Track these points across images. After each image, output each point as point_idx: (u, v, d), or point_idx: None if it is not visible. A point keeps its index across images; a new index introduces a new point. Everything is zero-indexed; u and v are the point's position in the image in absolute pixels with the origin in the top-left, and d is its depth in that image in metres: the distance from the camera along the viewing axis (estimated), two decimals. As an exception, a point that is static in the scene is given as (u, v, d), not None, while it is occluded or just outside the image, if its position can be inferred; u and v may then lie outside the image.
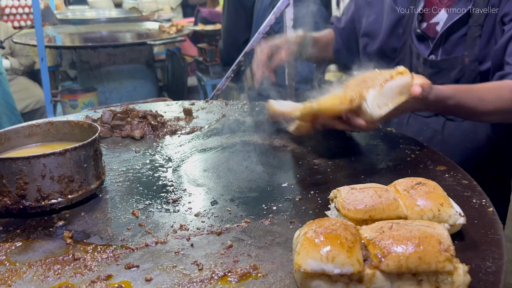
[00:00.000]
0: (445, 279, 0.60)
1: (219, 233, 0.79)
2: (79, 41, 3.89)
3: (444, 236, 0.62)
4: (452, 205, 0.74)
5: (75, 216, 0.86)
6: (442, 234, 0.62)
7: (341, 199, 0.75)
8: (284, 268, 0.69)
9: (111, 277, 0.68)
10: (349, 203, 0.74)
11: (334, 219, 0.67)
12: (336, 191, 0.80)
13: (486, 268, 0.67)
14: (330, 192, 0.84)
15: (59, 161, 0.84)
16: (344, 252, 0.59)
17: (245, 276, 0.67)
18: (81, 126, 1.01)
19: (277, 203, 0.90)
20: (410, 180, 0.79)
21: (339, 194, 0.77)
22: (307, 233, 0.63)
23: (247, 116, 1.45)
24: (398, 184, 0.79)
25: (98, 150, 0.94)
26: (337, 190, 0.80)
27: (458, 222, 0.73)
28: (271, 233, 0.79)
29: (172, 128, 1.31)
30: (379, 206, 0.73)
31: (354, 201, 0.74)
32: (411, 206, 0.74)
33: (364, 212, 0.72)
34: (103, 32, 4.19)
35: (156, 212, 0.87)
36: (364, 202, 0.73)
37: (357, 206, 0.73)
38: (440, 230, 0.63)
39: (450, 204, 0.74)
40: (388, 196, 0.75)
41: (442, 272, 0.59)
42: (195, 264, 0.71)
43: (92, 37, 3.99)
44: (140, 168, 1.07)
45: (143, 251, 0.75)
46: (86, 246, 0.76)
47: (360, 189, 0.77)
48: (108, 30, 4.24)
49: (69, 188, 0.87)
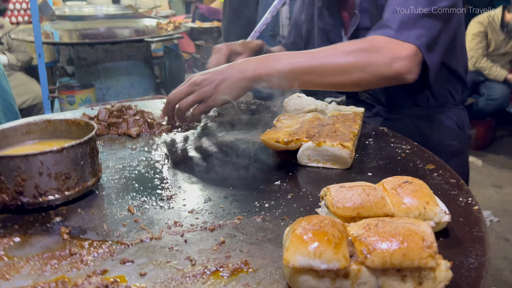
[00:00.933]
0: (428, 274, 0.62)
1: (212, 229, 0.82)
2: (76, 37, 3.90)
3: (428, 233, 0.64)
4: (437, 203, 0.77)
5: (71, 213, 0.88)
6: (426, 232, 0.64)
7: (330, 197, 0.78)
8: (274, 264, 0.71)
9: (106, 272, 0.70)
10: (338, 201, 0.76)
11: (323, 216, 0.69)
12: (326, 189, 0.82)
13: (469, 265, 0.69)
14: (320, 189, 0.87)
15: (57, 158, 0.86)
16: (331, 249, 0.62)
17: (236, 271, 0.70)
18: (78, 124, 1.03)
19: (270, 201, 0.92)
20: (397, 178, 0.81)
21: (329, 192, 0.80)
22: (296, 230, 0.66)
23: (243, 114, 1.47)
24: (386, 182, 0.82)
25: (95, 148, 0.96)
26: (327, 188, 0.82)
27: (443, 220, 0.75)
28: (263, 229, 0.82)
29: (168, 126, 1.33)
30: (367, 204, 0.75)
31: (343, 199, 0.76)
32: (398, 204, 0.76)
33: (352, 209, 0.75)
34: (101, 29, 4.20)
35: (151, 208, 0.90)
36: (352, 200, 0.76)
37: (345, 204, 0.75)
38: (424, 228, 0.65)
39: (436, 202, 0.76)
40: (376, 194, 0.77)
41: (425, 268, 0.62)
42: (188, 259, 0.73)
43: (90, 33, 4.00)
44: (136, 166, 1.09)
45: (138, 246, 0.77)
46: (83, 242, 0.78)
47: (349, 187, 0.79)
48: (106, 27, 4.25)
49: (66, 185, 0.89)
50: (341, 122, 1.17)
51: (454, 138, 1.46)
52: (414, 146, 1.16)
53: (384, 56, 1.09)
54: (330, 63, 1.10)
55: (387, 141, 1.20)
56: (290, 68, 1.11)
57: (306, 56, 1.13)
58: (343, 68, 1.10)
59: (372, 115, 1.48)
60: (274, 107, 1.50)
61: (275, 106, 1.50)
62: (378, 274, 0.63)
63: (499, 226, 3.32)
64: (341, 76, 1.10)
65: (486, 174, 4.08)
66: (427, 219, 0.75)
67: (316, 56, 1.13)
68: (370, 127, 1.30)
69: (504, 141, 4.79)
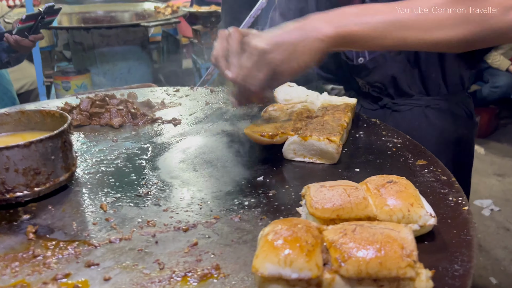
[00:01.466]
0: (407, 285, 0.58)
1: (186, 229, 0.78)
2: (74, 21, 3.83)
3: (408, 240, 0.60)
4: (423, 205, 0.72)
5: (41, 210, 0.84)
6: (406, 239, 0.60)
7: (309, 197, 0.73)
8: (247, 268, 0.67)
9: (69, 276, 0.66)
10: (316, 202, 0.72)
11: (298, 219, 0.65)
12: (307, 188, 0.78)
13: (454, 272, 0.65)
14: (304, 185, 0.81)
15: (24, 153, 0.82)
16: (302, 256, 0.57)
17: (205, 277, 0.66)
18: (53, 116, 0.99)
19: (250, 198, 0.88)
20: (382, 178, 0.77)
21: (308, 191, 0.75)
22: (268, 235, 0.62)
23: (231, 105, 1.42)
24: (369, 182, 0.77)
25: (68, 141, 0.91)
26: (307, 187, 0.78)
27: (428, 223, 0.71)
28: (239, 230, 0.77)
29: (152, 116, 1.29)
30: (347, 205, 0.71)
31: (322, 199, 0.72)
32: (381, 205, 0.71)
33: (331, 211, 0.70)
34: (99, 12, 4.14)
35: (125, 206, 0.85)
36: (332, 201, 0.71)
37: (324, 205, 0.71)
38: (405, 234, 0.61)
39: (421, 204, 0.72)
40: (357, 195, 0.72)
41: (404, 278, 0.58)
42: (157, 262, 0.69)
43: (87, 17, 3.94)
44: (115, 159, 1.05)
45: (106, 248, 0.73)
46: (48, 242, 0.74)
47: (329, 186, 0.74)
48: (104, 10, 4.18)
49: (36, 180, 0.85)
50: (331, 114, 1.12)
51: (463, 126, 1.40)
52: (406, 139, 1.11)
53: (496, 3, 0.89)
54: (436, 14, 0.90)
55: (378, 134, 1.15)
56: (384, 22, 0.90)
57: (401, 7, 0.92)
58: (447, 20, 0.90)
59: (378, 107, 1.41)
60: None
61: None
62: (353, 284, 0.59)
63: (500, 216, 3.27)
64: (445, 31, 0.90)
65: (488, 163, 4.01)
66: (411, 222, 0.70)
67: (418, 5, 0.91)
68: (362, 119, 1.25)
69: (508, 129, 4.71)
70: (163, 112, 1.35)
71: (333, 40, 0.90)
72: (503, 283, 2.59)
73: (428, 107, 1.36)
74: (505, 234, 3.09)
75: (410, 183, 0.76)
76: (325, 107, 1.18)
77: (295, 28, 0.92)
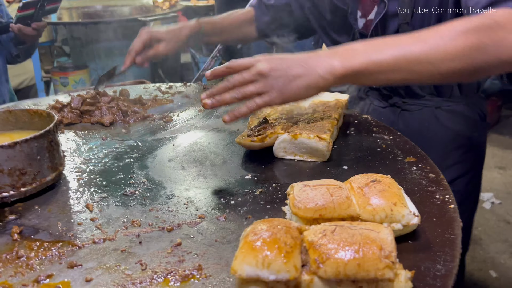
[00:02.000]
0: (386, 285, 0.58)
1: (170, 229, 0.78)
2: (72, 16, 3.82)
3: (387, 241, 0.59)
4: (406, 204, 0.71)
5: (27, 210, 0.85)
6: (386, 239, 0.59)
7: (292, 197, 0.73)
8: (229, 269, 0.67)
9: (51, 277, 0.67)
10: (299, 201, 0.71)
11: (278, 220, 0.65)
12: (291, 187, 0.77)
13: (435, 272, 0.65)
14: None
15: (9, 154, 0.82)
16: (280, 258, 0.57)
17: (187, 278, 0.66)
18: (40, 115, 0.99)
19: (236, 197, 0.87)
20: (366, 177, 0.76)
21: (292, 191, 0.75)
22: (248, 236, 0.61)
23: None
24: (353, 181, 0.76)
25: (54, 141, 0.91)
26: (291, 186, 0.77)
27: (412, 223, 0.70)
28: (224, 230, 0.77)
29: (143, 114, 1.28)
30: (330, 205, 0.70)
31: (305, 199, 0.71)
32: (364, 205, 0.71)
33: (314, 211, 0.70)
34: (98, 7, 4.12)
35: (111, 205, 0.85)
36: (314, 201, 0.71)
37: (307, 205, 0.70)
38: (384, 235, 0.60)
39: (404, 203, 0.71)
40: (340, 194, 0.72)
41: (382, 279, 0.57)
42: (140, 263, 0.69)
43: (86, 12, 3.92)
44: (103, 157, 1.05)
45: (89, 248, 0.73)
46: (32, 243, 0.74)
47: (313, 186, 0.74)
48: (103, 5, 4.16)
49: (22, 181, 0.85)
50: (321, 111, 1.11)
51: (475, 129, 1.34)
52: (396, 136, 1.10)
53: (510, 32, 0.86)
54: (445, 47, 0.87)
55: (369, 131, 1.14)
56: (396, 56, 0.88)
57: (412, 40, 0.90)
58: (463, 51, 0.87)
59: (388, 105, 1.38)
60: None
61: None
62: (332, 285, 0.59)
63: (501, 209, 3.26)
64: (459, 62, 0.87)
65: (490, 155, 3.98)
66: (394, 221, 0.70)
67: (425, 39, 0.89)
68: (353, 115, 1.24)
69: (510, 121, 4.67)
70: (154, 109, 1.35)
71: (338, 76, 0.89)
72: (503, 276, 2.58)
73: (438, 108, 1.31)
74: (506, 227, 3.07)
75: (394, 182, 0.76)
76: (316, 103, 1.17)
77: (301, 61, 0.92)
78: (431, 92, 1.32)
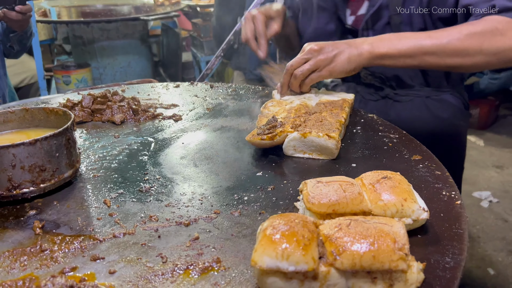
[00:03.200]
0: (399, 277, 0.61)
1: (187, 224, 0.80)
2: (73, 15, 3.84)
3: (400, 234, 0.62)
4: (416, 200, 0.74)
5: (47, 205, 0.87)
6: (398, 233, 0.62)
7: (306, 193, 0.76)
8: (246, 261, 0.70)
9: (76, 269, 0.69)
10: (313, 197, 0.74)
11: (295, 215, 0.67)
12: (304, 184, 0.80)
13: (445, 264, 0.68)
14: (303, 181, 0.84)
15: (29, 151, 0.85)
16: (299, 250, 0.60)
17: (207, 270, 0.68)
18: (56, 113, 1.01)
19: (249, 193, 0.90)
20: (376, 173, 0.79)
21: (305, 187, 0.78)
22: (266, 229, 0.64)
23: (231, 100, 1.44)
24: (364, 177, 0.79)
25: (71, 138, 0.94)
26: (304, 182, 0.80)
27: (421, 217, 0.73)
28: (239, 224, 0.80)
29: (153, 112, 1.31)
30: (343, 200, 0.73)
31: (319, 195, 0.74)
32: (376, 200, 0.74)
33: (327, 206, 0.73)
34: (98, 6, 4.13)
35: (128, 201, 0.88)
36: (328, 196, 0.74)
37: (321, 200, 0.73)
38: (397, 228, 0.63)
39: (414, 199, 0.74)
40: (353, 190, 0.75)
41: (396, 270, 0.60)
42: (160, 256, 0.72)
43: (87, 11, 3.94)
44: (117, 155, 1.08)
45: (110, 242, 0.76)
46: (55, 237, 0.77)
47: (326, 182, 0.77)
48: (104, 4, 4.18)
49: (41, 177, 0.87)
50: (329, 110, 1.14)
51: (461, 117, 1.45)
52: (402, 135, 1.13)
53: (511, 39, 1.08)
54: (453, 45, 1.11)
55: (375, 130, 1.17)
56: (412, 47, 1.13)
57: (428, 37, 1.14)
58: (466, 51, 1.10)
59: (380, 98, 1.45)
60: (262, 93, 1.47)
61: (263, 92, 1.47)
62: (348, 276, 0.62)
63: (499, 207, 3.30)
64: (462, 58, 1.11)
65: (487, 154, 4.03)
66: (405, 216, 0.73)
67: (438, 37, 1.13)
68: (360, 114, 1.27)
69: (507, 120, 4.71)
70: (164, 108, 1.37)
71: (369, 56, 1.15)
72: (500, 274, 2.62)
73: (428, 97, 1.39)
74: (503, 226, 3.11)
75: (404, 178, 0.78)
76: (323, 102, 1.20)
77: (343, 42, 1.18)
78: (421, 83, 1.40)
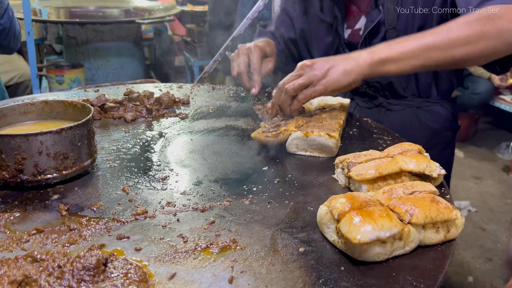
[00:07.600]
0: (451, 224, 0.79)
1: (203, 210, 0.87)
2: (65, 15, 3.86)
3: (441, 199, 0.81)
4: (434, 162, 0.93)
5: (69, 191, 0.93)
6: (440, 198, 0.81)
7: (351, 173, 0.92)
8: (260, 242, 0.77)
9: (104, 246, 0.75)
10: (358, 170, 0.91)
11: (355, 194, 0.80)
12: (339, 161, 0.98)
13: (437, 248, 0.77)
14: (305, 175, 0.98)
15: (55, 139, 0.90)
16: (386, 219, 0.73)
17: (225, 248, 0.75)
18: (75, 106, 1.07)
19: (257, 185, 0.97)
20: (397, 147, 0.99)
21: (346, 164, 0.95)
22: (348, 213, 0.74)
23: (233, 101, 1.51)
24: (388, 151, 0.99)
25: (91, 130, 1.00)
26: (338, 158, 0.99)
27: (442, 172, 0.93)
28: (250, 211, 0.87)
29: (160, 112, 1.37)
30: (384, 163, 0.91)
31: (362, 168, 0.91)
32: (407, 161, 0.92)
33: (374, 171, 0.89)
34: (90, 7, 4.16)
35: (145, 189, 0.94)
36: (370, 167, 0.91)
37: (367, 170, 0.90)
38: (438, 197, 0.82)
39: (433, 162, 0.93)
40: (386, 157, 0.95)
41: (450, 219, 0.78)
42: (181, 236, 0.78)
43: (79, 12, 3.97)
44: (130, 148, 1.14)
45: (133, 224, 0.82)
46: (80, 218, 0.83)
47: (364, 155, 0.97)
48: (96, 6, 4.21)
49: (64, 164, 0.93)
50: (328, 112, 1.23)
51: (450, 128, 1.52)
52: (395, 137, 1.22)
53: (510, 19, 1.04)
54: (454, 35, 1.07)
55: (370, 132, 1.26)
56: (414, 47, 1.08)
57: (427, 34, 1.10)
58: (468, 38, 1.06)
59: (374, 106, 1.52)
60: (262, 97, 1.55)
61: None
62: (419, 230, 0.77)
63: (477, 216, 3.43)
64: (467, 47, 1.06)
65: (466, 166, 4.19)
66: (432, 171, 0.92)
67: (438, 32, 1.09)
68: (355, 118, 1.36)
69: (486, 134, 4.91)
70: (169, 107, 1.44)
71: (370, 63, 1.08)
72: (478, 280, 2.73)
73: (419, 108, 1.47)
74: (481, 234, 3.24)
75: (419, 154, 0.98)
76: (322, 106, 1.28)
77: (337, 57, 1.11)
78: (413, 93, 1.47)
